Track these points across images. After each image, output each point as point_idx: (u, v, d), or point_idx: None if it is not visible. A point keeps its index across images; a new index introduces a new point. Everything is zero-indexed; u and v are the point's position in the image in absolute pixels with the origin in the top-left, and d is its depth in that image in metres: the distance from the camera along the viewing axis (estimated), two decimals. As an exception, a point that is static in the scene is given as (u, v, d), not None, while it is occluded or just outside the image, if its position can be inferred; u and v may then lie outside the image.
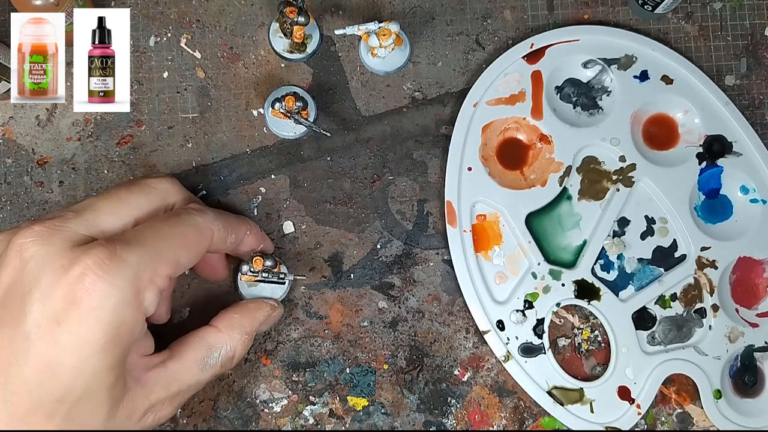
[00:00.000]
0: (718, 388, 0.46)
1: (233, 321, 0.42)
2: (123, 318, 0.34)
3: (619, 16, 0.49)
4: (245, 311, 0.43)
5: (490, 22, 0.49)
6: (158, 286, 0.36)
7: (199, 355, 0.40)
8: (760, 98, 0.49)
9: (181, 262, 0.38)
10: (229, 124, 0.48)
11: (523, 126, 0.48)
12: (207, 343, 0.41)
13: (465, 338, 0.47)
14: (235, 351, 0.41)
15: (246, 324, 0.42)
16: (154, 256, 0.37)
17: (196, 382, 0.40)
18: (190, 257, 0.39)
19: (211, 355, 0.40)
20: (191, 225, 0.40)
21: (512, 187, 0.48)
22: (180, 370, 0.39)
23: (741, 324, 0.47)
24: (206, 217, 0.40)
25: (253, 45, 0.49)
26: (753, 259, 0.48)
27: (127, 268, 0.35)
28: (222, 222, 0.41)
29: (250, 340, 0.42)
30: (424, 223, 0.48)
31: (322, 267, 0.47)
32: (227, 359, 0.41)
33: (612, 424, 0.46)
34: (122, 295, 0.34)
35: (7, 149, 0.48)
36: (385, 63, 0.48)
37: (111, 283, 0.34)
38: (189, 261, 0.39)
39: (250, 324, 0.42)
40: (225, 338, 0.41)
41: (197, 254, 0.40)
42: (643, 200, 0.48)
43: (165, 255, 0.37)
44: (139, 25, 0.48)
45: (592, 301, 0.47)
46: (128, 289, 0.35)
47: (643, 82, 0.48)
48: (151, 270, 0.36)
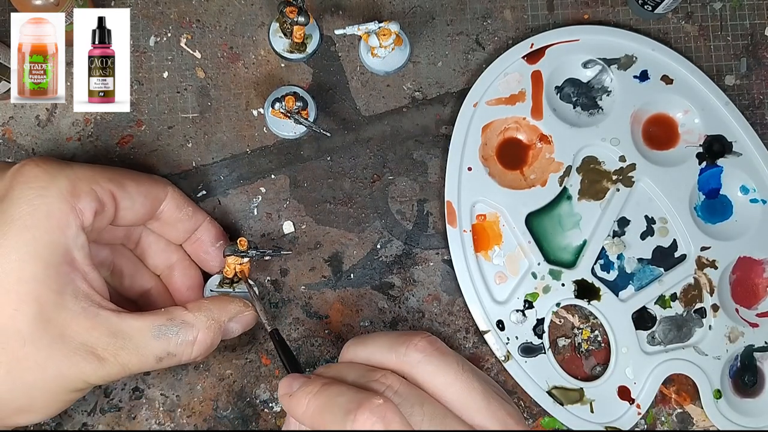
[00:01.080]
0: (718, 388, 0.46)
1: (201, 304, 0.41)
2: (52, 208, 0.37)
3: (619, 16, 0.49)
4: (216, 299, 0.42)
5: (490, 22, 0.49)
6: (99, 196, 0.38)
7: (157, 321, 0.39)
8: (760, 98, 0.49)
9: (128, 189, 0.40)
10: (229, 124, 0.48)
11: (523, 126, 0.48)
12: (169, 314, 0.39)
13: (465, 338, 0.47)
14: (197, 335, 0.40)
15: (214, 311, 0.41)
16: (98, 170, 0.39)
17: (145, 346, 0.38)
18: (140, 192, 0.41)
19: (170, 326, 0.39)
20: (145, 173, 0.44)
21: (512, 187, 0.48)
22: (132, 325, 0.38)
23: (741, 324, 0.47)
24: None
25: (253, 45, 0.49)
26: (753, 259, 0.48)
27: (67, 169, 0.38)
28: (181, 192, 0.44)
29: (217, 331, 0.41)
30: (424, 223, 0.48)
31: (322, 267, 0.48)
32: (187, 341, 0.39)
33: (612, 424, 0.46)
34: (57, 189, 0.37)
35: (7, 149, 0.48)
36: (385, 63, 0.48)
37: (47, 170, 0.37)
38: (138, 195, 0.41)
39: (219, 312, 0.41)
40: (189, 316, 0.40)
41: (148, 195, 0.42)
42: (643, 200, 0.48)
43: (109, 173, 0.40)
44: (139, 25, 0.48)
45: (592, 301, 0.47)
46: (65, 184, 0.37)
47: (643, 82, 0.48)
48: (91, 178, 0.38)
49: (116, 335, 0.37)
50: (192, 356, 0.40)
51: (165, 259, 0.45)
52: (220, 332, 0.41)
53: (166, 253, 0.45)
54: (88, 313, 0.37)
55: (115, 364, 0.37)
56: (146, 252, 0.45)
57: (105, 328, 0.37)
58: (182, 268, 0.45)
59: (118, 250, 0.45)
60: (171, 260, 0.45)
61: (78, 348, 0.37)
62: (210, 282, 0.46)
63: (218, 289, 0.45)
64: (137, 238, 0.45)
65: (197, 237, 0.45)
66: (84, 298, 0.37)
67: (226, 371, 0.47)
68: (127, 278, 0.45)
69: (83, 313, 0.37)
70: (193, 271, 0.46)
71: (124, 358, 0.38)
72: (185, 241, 0.45)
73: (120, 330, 0.38)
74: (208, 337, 0.40)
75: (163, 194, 0.43)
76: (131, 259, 0.45)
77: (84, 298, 0.37)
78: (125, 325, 0.38)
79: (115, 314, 0.38)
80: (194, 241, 0.45)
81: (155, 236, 0.45)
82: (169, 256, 0.45)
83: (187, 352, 0.40)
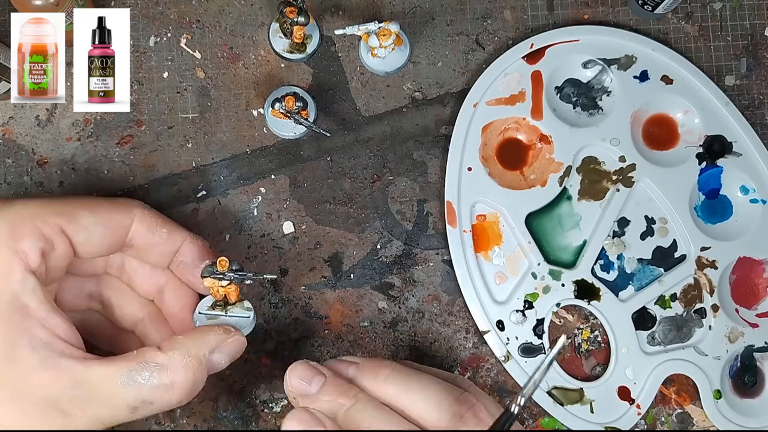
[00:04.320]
0: (718, 389, 0.46)
1: (175, 341, 0.37)
2: None
3: (619, 16, 0.49)
4: (192, 333, 0.38)
5: (490, 22, 0.49)
6: (45, 234, 0.35)
7: (127, 366, 0.35)
8: (760, 98, 0.49)
9: (82, 221, 0.37)
10: (229, 124, 0.48)
11: (523, 126, 0.48)
12: (141, 356, 0.35)
13: (465, 338, 0.47)
14: (174, 378, 0.35)
15: (190, 346, 0.37)
16: (45, 205, 0.36)
17: (115, 395, 0.34)
18: (98, 222, 0.38)
19: (141, 371, 0.35)
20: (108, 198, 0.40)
21: (512, 187, 0.48)
22: (99, 373, 0.34)
23: (741, 324, 0.47)
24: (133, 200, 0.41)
25: (253, 45, 0.49)
26: (753, 259, 0.48)
27: (8, 209, 0.35)
28: (155, 212, 0.40)
29: (197, 369, 0.36)
30: (424, 223, 0.48)
31: (322, 267, 0.48)
32: (162, 386, 0.35)
33: (612, 424, 0.46)
34: None
35: (7, 149, 0.48)
36: (385, 63, 0.48)
37: None
38: (96, 226, 0.37)
39: (197, 347, 0.37)
40: (161, 357, 0.35)
41: (107, 224, 0.38)
42: (643, 200, 0.48)
43: (58, 206, 0.36)
44: (139, 25, 0.48)
45: (592, 301, 0.47)
46: (3, 228, 0.34)
47: (643, 82, 0.48)
48: (35, 215, 0.35)
49: (81, 386, 0.34)
50: (173, 401, 0.36)
51: (153, 283, 0.42)
52: (202, 369, 0.37)
53: (153, 277, 0.42)
54: (47, 364, 0.33)
55: (83, 417, 0.34)
56: (132, 278, 0.42)
57: (68, 379, 0.33)
58: (172, 290, 0.42)
59: (104, 281, 0.42)
60: (160, 283, 0.42)
61: (39, 404, 0.33)
62: (200, 305, 0.42)
63: (208, 312, 0.41)
64: (120, 265, 0.42)
65: (179, 259, 0.41)
66: (42, 347, 0.34)
67: (226, 371, 0.46)
68: (117, 308, 0.42)
69: (42, 365, 0.33)
70: (184, 291, 0.42)
71: (92, 411, 0.34)
72: (168, 264, 0.42)
73: (85, 379, 0.34)
74: (187, 377, 0.36)
75: (128, 220, 0.39)
76: (119, 288, 0.42)
77: (42, 348, 0.33)
78: (91, 374, 0.34)
79: (79, 362, 0.34)
80: (177, 263, 0.41)
81: (138, 261, 0.42)
82: (157, 280, 0.42)
83: (166, 398, 0.35)
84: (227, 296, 0.41)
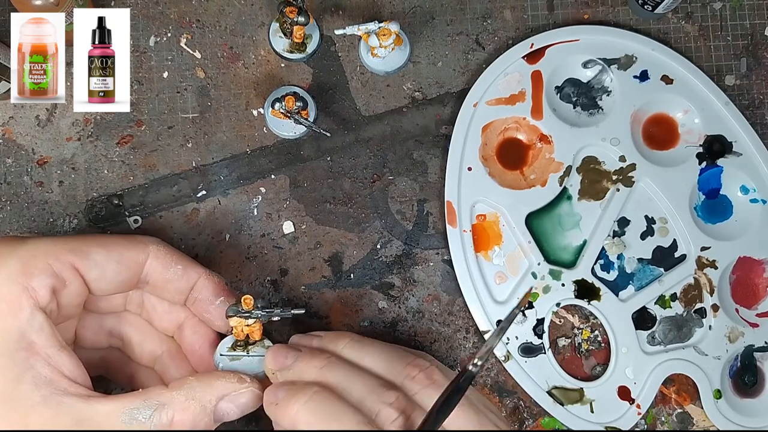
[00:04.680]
0: (718, 388, 0.46)
1: (185, 381, 0.36)
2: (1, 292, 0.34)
3: (619, 16, 0.49)
4: (203, 376, 0.37)
5: (490, 22, 0.49)
6: (56, 271, 0.35)
7: (130, 404, 0.35)
8: (760, 98, 0.49)
9: (94, 257, 0.37)
10: (229, 124, 0.48)
11: (523, 126, 0.48)
12: (145, 394, 0.35)
13: (465, 338, 0.47)
14: (172, 416, 0.35)
15: (198, 389, 0.36)
16: (58, 243, 0.36)
17: None
18: (111, 258, 0.38)
19: (143, 409, 0.35)
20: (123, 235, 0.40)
21: (512, 187, 0.48)
22: (100, 411, 0.34)
23: (741, 324, 0.47)
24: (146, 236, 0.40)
25: (253, 45, 0.49)
26: (753, 259, 0.48)
27: (20, 247, 0.35)
28: (170, 248, 0.40)
29: (199, 412, 0.36)
30: (424, 223, 0.48)
31: (322, 267, 0.47)
32: (160, 424, 0.35)
33: (612, 424, 0.46)
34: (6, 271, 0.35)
35: (7, 149, 0.48)
36: (385, 63, 0.48)
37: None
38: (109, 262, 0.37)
39: (204, 392, 0.36)
40: (167, 397, 0.35)
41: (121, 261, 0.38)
42: (643, 200, 0.48)
43: (71, 243, 0.37)
44: (139, 25, 0.48)
45: (592, 301, 0.47)
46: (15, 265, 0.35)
47: (643, 82, 0.48)
48: (48, 253, 0.36)
49: (81, 424, 0.34)
50: None
51: (173, 320, 0.42)
52: (206, 414, 0.36)
53: (172, 314, 0.42)
54: (49, 402, 0.34)
55: None
56: (152, 315, 0.42)
57: (69, 417, 0.34)
58: (192, 326, 0.42)
59: (124, 318, 0.42)
60: (179, 319, 0.42)
61: None
62: (221, 345, 0.41)
63: (229, 353, 0.40)
64: (140, 302, 0.42)
65: (194, 296, 0.41)
66: (45, 385, 0.34)
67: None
68: (137, 345, 0.42)
69: (44, 402, 0.33)
70: (204, 328, 0.42)
71: None
72: (184, 301, 0.41)
73: (86, 417, 0.34)
74: (186, 418, 0.35)
75: (142, 256, 0.39)
76: (139, 325, 0.42)
77: (45, 386, 0.34)
78: (92, 412, 0.34)
79: (82, 400, 0.34)
80: (193, 301, 0.41)
81: (157, 297, 0.42)
82: (177, 316, 0.42)
83: None
84: (249, 335, 0.40)
